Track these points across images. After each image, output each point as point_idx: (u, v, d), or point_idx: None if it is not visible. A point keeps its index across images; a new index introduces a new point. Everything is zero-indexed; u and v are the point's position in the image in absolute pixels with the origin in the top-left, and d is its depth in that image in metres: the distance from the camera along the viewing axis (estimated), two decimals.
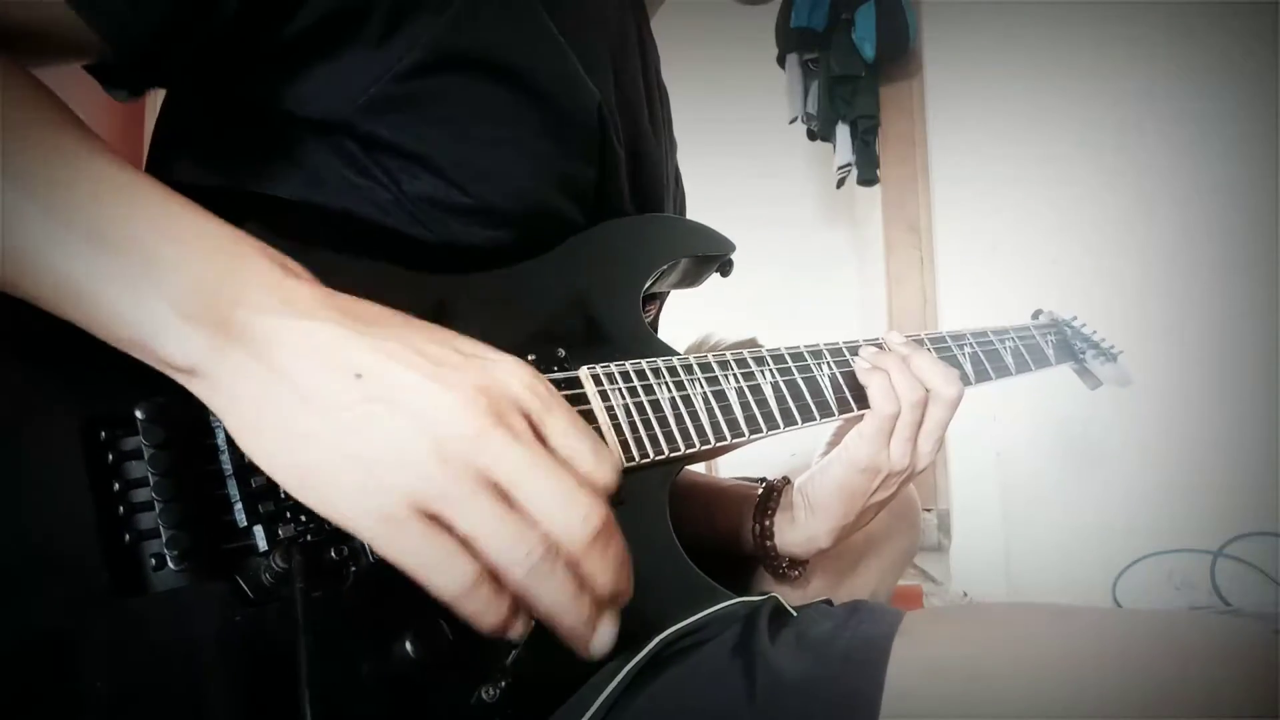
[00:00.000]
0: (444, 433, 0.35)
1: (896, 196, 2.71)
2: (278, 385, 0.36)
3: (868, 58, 2.57)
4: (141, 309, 0.37)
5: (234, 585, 0.41)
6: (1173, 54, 2.32)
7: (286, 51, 0.53)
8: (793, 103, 2.88)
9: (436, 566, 0.35)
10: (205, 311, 0.37)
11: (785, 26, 2.77)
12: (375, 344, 0.37)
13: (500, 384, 0.38)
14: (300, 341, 0.37)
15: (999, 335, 0.92)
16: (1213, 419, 2.24)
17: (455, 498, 0.35)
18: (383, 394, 0.36)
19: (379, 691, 0.42)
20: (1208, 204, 2.28)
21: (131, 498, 0.40)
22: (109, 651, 0.37)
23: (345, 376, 0.36)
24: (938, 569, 2.48)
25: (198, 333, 0.36)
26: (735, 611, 0.55)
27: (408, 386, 0.36)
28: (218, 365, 0.37)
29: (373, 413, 0.35)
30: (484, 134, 0.59)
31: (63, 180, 0.38)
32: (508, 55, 0.58)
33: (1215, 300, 2.26)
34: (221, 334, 0.37)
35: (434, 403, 0.36)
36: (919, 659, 0.47)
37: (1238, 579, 2.21)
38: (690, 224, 0.76)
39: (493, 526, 0.35)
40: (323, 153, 0.57)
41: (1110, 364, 1.12)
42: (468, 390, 0.36)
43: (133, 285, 0.37)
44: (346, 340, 0.37)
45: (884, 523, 0.86)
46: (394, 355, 0.37)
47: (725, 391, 0.64)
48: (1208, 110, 2.28)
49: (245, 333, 0.37)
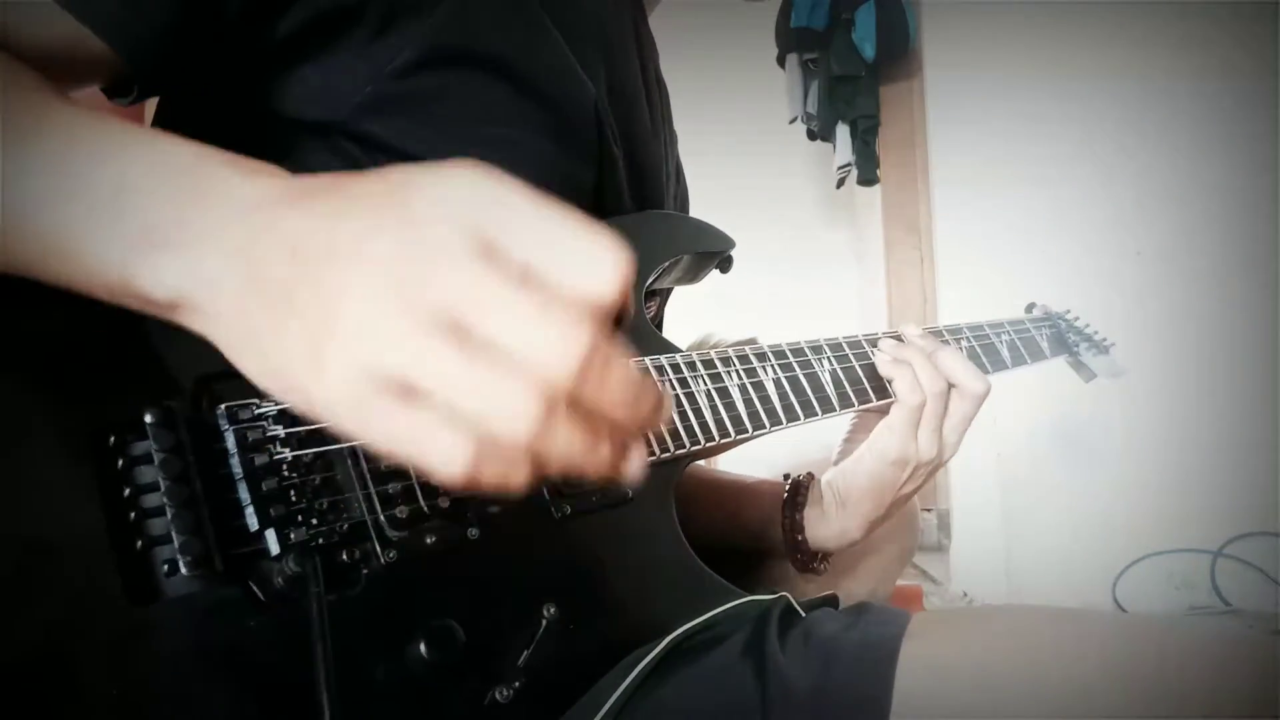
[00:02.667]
0: (380, 285, 0.29)
1: (896, 196, 2.72)
2: (249, 290, 0.32)
3: (868, 58, 2.57)
4: (113, 246, 0.34)
5: (246, 590, 0.41)
6: (1173, 54, 2.32)
7: (282, 50, 0.53)
8: (793, 103, 2.89)
9: (422, 446, 0.29)
10: (174, 234, 0.33)
11: (785, 26, 2.77)
12: (309, 209, 0.32)
13: (438, 210, 0.31)
14: (258, 237, 0.32)
15: (994, 329, 0.93)
16: (1213, 419, 2.24)
17: (411, 359, 0.29)
18: (318, 257, 0.30)
19: (392, 694, 0.42)
20: (1207, 204, 2.28)
21: (142, 503, 0.40)
22: (123, 658, 0.36)
23: (283, 255, 0.31)
24: (938, 569, 2.48)
25: (171, 258, 0.33)
26: (745, 611, 0.55)
27: (337, 240, 0.31)
28: (196, 289, 0.33)
29: (308, 275, 0.30)
30: (484, 133, 0.59)
31: (31, 130, 0.37)
32: (504, 51, 0.58)
33: (1215, 300, 2.26)
34: (193, 254, 0.33)
35: (366, 251, 0.30)
36: (926, 662, 0.47)
37: (1238, 579, 2.21)
38: (690, 220, 0.77)
39: (463, 383, 0.29)
40: (320, 153, 0.57)
41: (1103, 356, 1.13)
42: (402, 227, 0.30)
43: (103, 224, 0.34)
44: (287, 218, 0.32)
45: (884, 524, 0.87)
46: (325, 214, 0.32)
47: (728, 388, 0.64)
48: (1208, 110, 2.29)
49: (215, 247, 0.33)
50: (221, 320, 0.33)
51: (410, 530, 0.46)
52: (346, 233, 0.30)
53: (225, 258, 0.32)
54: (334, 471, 0.46)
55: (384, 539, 0.45)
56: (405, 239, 0.30)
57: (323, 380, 0.29)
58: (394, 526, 0.45)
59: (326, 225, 0.31)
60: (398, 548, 0.45)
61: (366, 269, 0.29)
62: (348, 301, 0.29)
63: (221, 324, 0.33)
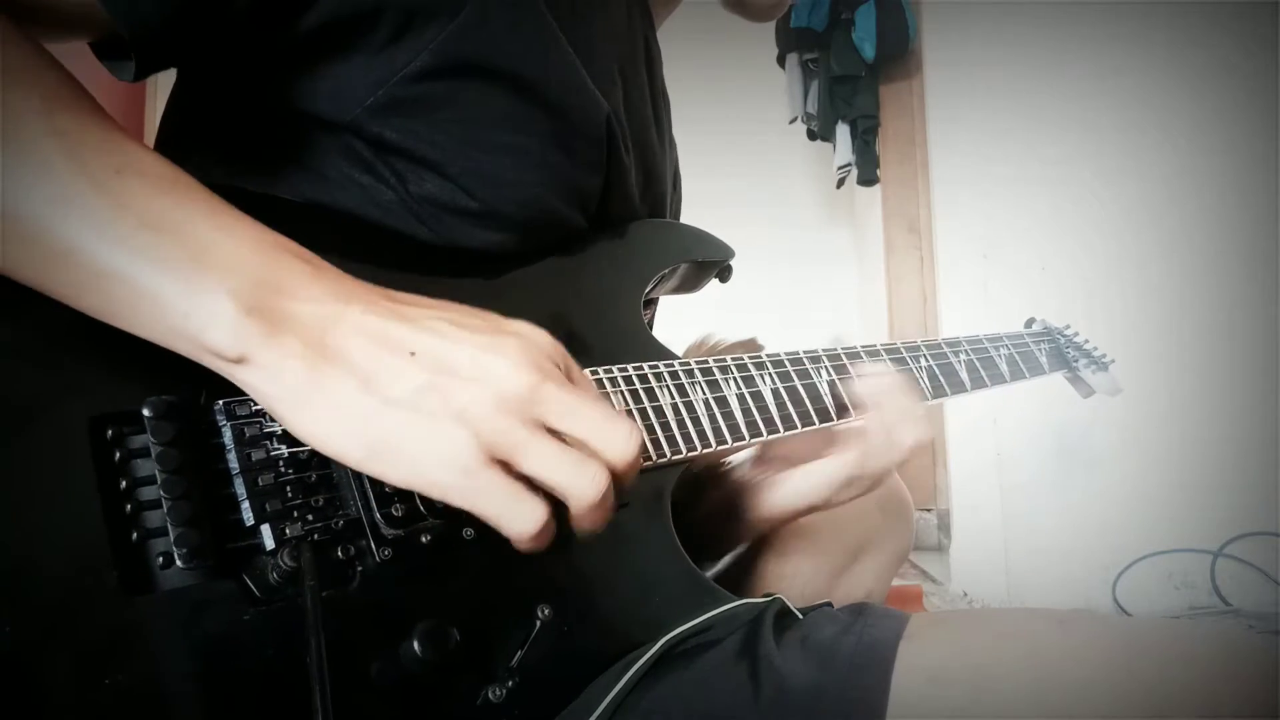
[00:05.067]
0: (504, 389, 0.40)
1: (896, 196, 2.71)
2: (333, 367, 0.39)
3: (868, 58, 2.57)
4: (196, 298, 0.38)
5: (241, 584, 0.41)
6: (1173, 54, 2.32)
7: (298, 49, 0.54)
8: (793, 103, 2.89)
9: (512, 508, 0.40)
10: (260, 302, 0.39)
11: (785, 26, 2.77)
12: (420, 325, 0.41)
13: (534, 342, 0.43)
14: (351, 326, 0.40)
15: (993, 342, 0.92)
16: (1213, 419, 2.24)
17: (522, 443, 0.40)
18: (441, 367, 0.40)
19: (384, 692, 0.42)
20: (1207, 204, 2.28)
21: (139, 495, 0.40)
22: (117, 648, 0.37)
23: (401, 356, 0.40)
24: (938, 569, 2.48)
25: (253, 322, 0.39)
26: (740, 613, 0.55)
27: (462, 358, 0.41)
28: (268, 352, 0.39)
29: (436, 383, 0.40)
30: (494, 140, 0.59)
31: (115, 166, 0.40)
32: (518, 65, 0.58)
33: (1215, 299, 2.26)
34: (272, 323, 0.39)
35: (488, 367, 0.41)
36: (924, 665, 0.47)
37: (1238, 579, 2.22)
38: (690, 229, 0.77)
39: (558, 462, 0.41)
40: (330, 152, 0.57)
41: (1102, 373, 1.13)
42: (512, 352, 0.41)
43: (187, 274, 0.39)
44: (393, 323, 0.41)
45: (877, 521, 0.87)
46: (440, 333, 0.41)
47: (726, 397, 0.64)
48: (1208, 110, 2.29)
49: (295, 321, 0.40)
50: (289, 387, 0.39)
51: (406, 529, 0.46)
52: (466, 352, 0.41)
53: (309, 334, 0.40)
54: (330, 469, 0.46)
55: (379, 537, 0.45)
56: (517, 362, 0.41)
57: (440, 451, 0.39)
58: (390, 525, 0.45)
59: (444, 343, 0.41)
60: (393, 546, 0.45)
61: (488, 378, 0.40)
62: (476, 400, 0.40)
63: (287, 390, 0.39)
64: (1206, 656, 0.44)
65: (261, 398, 0.40)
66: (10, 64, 0.40)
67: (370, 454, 0.39)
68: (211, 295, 0.38)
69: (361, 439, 0.39)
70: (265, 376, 0.39)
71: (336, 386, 0.39)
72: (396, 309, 0.42)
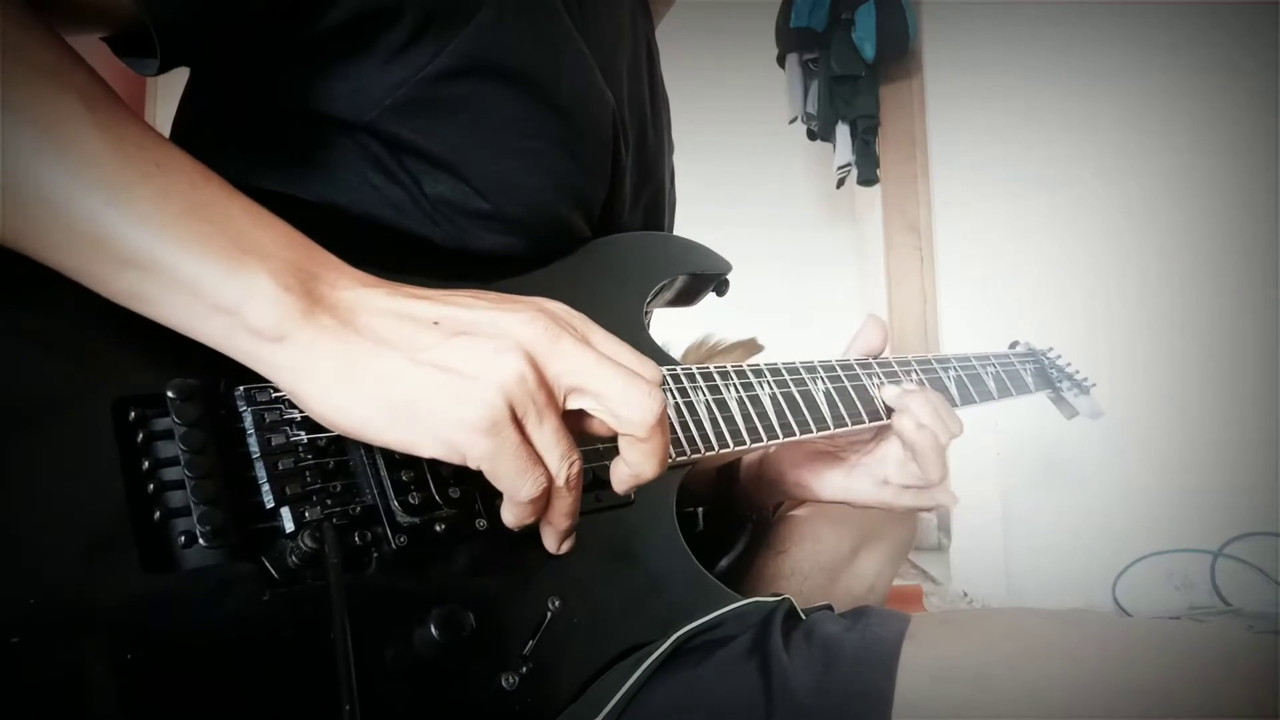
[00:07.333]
0: (525, 341, 0.41)
1: (896, 196, 2.72)
2: (363, 340, 0.41)
3: (868, 58, 2.58)
4: (238, 278, 0.40)
5: (260, 566, 0.41)
6: (1173, 54, 2.33)
7: (316, 48, 0.54)
8: (793, 103, 2.89)
9: (527, 470, 0.41)
10: (299, 284, 0.41)
11: (785, 26, 2.77)
12: (441, 300, 0.43)
13: (549, 307, 0.45)
14: (378, 306, 0.42)
15: (980, 360, 0.95)
16: (1212, 419, 2.24)
17: (544, 406, 0.41)
18: (463, 328, 0.42)
19: (399, 678, 0.42)
20: (1208, 203, 2.29)
21: (162, 476, 0.40)
22: (137, 625, 0.37)
23: (425, 326, 0.42)
24: (938, 569, 2.48)
25: (294, 300, 0.40)
26: (749, 612, 0.55)
27: (482, 320, 0.42)
28: (307, 329, 0.40)
29: (457, 344, 0.41)
30: (508, 143, 0.60)
31: (156, 160, 0.41)
32: (533, 67, 0.59)
33: (1215, 299, 2.27)
34: (312, 300, 0.41)
35: (509, 324, 0.42)
36: (926, 663, 0.47)
37: (1238, 579, 2.22)
38: (688, 242, 0.78)
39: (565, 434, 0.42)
40: (345, 151, 0.57)
41: (1084, 396, 1.14)
42: (531, 311, 0.43)
43: (228, 258, 0.40)
44: (416, 301, 0.43)
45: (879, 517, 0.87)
46: (461, 304, 0.43)
47: (727, 401, 0.66)
48: (1208, 110, 2.29)
49: (329, 301, 0.42)
50: (320, 362, 0.40)
51: (421, 517, 0.46)
52: (485, 313, 0.43)
53: (342, 313, 0.42)
54: (347, 456, 0.46)
55: (395, 524, 0.45)
56: (533, 319, 0.42)
57: (463, 406, 0.40)
58: (406, 512, 0.46)
59: (466, 311, 0.43)
60: (408, 533, 0.45)
61: (510, 333, 0.42)
62: (499, 351, 0.41)
63: (318, 365, 0.40)
64: (1206, 656, 0.44)
65: (293, 376, 0.40)
66: (45, 61, 0.40)
67: (394, 418, 0.40)
68: (253, 276, 0.40)
69: (386, 402, 0.40)
70: (299, 354, 0.40)
71: (366, 357, 0.40)
72: (417, 292, 0.44)
